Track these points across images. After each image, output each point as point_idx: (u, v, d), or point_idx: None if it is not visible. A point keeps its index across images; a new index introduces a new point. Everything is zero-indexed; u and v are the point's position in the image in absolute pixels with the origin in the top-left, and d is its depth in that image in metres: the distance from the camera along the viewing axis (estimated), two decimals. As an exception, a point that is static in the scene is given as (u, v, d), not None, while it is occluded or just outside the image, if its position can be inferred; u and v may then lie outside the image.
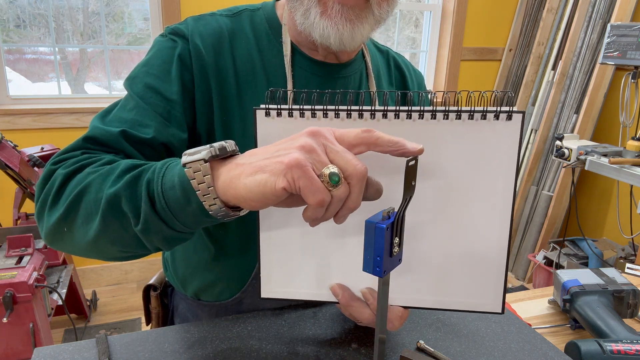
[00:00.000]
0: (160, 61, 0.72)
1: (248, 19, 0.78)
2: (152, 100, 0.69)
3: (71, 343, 0.70)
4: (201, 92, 0.72)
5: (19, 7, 2.34)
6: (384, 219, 0.50)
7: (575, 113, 2.62)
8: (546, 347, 0.73)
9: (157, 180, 0.52)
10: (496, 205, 0.59)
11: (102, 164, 0.60)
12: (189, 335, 0.73)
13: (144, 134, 0.67)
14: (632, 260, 2.30)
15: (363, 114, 0.57)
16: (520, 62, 3.00)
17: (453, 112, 0.56)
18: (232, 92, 0.74)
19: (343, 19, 0.67)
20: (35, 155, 2.02)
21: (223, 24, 0.76)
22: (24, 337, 1.67)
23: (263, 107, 0.58)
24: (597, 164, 1.85)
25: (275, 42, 0.77)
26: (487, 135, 0.57)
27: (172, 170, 0.52)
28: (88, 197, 0.56)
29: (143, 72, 0.72)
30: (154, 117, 0.68)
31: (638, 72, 1.85)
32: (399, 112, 0.57)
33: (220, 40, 0.75)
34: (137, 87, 0.71)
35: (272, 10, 0.79)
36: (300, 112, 0.57)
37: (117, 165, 0.57)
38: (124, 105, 0.71)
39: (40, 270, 1.75)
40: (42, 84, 2.51)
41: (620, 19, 2.42)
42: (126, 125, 0.66)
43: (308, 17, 0.68)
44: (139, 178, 0.54)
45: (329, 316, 0.78)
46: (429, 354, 0.70)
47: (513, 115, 0.56)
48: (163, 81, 0.70)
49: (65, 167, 0.60)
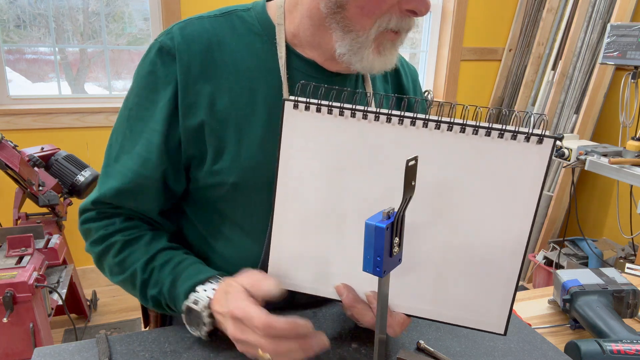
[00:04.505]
0: (147, 91, 0.74)
1: (239, 20, 0.76)
2: (146, 135, 0.73)
3: (71, 343, 0.70)
4: (185, 111, 0.72)
5: (19, 7, 2.34)
6: (384, 219, 0.50)
7: (575, 113, 2.62)
8: (546, 347, 0.73)
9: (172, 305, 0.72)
10: (512, 228, 0.57)
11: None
12: (189, 335, 0.73)
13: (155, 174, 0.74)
14: (632, 260, 2.30)
15: (391, 119, 0.57)
16: (520, 62, 3.00)
17: (483, 129, 0.55)
18: (224, 100, 0.72)
19: (390, 53, 0.71)
20: (35, 155, 2.01)
21: (211, 27, 0.74)
22: (24, 337, 1.67)
23: (292, 99, 0.58)
24: (597, 164, 1.85)
25: (268, 44, 0.75)
26: (514, 156, 0.54)
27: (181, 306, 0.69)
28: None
29: (133, 103, 0.75)
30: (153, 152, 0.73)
31: (638, 72, 1.85)
32: (429, 121, 0.56)
33: (209, 45, 0.73)
34: (129, 119, 0.75)
35: (264, 10, 0.77)
36: (328, 108, 0.58)
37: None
38: (123, 145, 0.75)
39: (40, 270, 1.75)
40: (42, 84, 2.51)
41: (620, 19, 2.42)
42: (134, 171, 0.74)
43: (359, 53, 0.69)
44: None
45: (329, 316, 0.78)
46: (429, 354, 0.70)
47: (544, 139, 0.53)
48: (150, 111, 0.73)
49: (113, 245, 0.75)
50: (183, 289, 0.69)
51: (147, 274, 0.73)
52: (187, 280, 0.69)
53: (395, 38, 0.70)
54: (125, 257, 0.74)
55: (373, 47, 0.69)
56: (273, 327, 0.57)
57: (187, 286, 0.69)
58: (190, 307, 0.67)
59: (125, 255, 0.74)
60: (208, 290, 0.67)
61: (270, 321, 0.57)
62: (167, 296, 0.72)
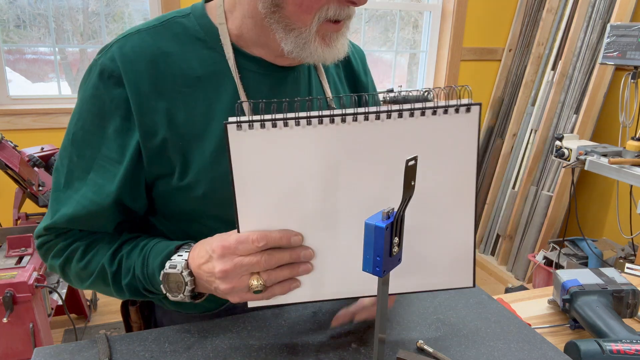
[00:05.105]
0: (92, 116, 0.70)
1: (180, 27, 0.73)
2: (100, 162, 0.71)
3: (71, 343, 0.71)
4: (144, 133, 0.69)
5: (19, 7, 2.34)
6: (384, 219, 0.50)
7: (575, 113, 2.62)
8: (546, 347, 0.73)
9: (147, 280, 0.71)
10: (459, 184, 0.63)
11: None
12: (189, 335, 0.73)
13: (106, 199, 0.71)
14: (631, 260, 2.30)
15: (334, 119, 0.58)
16: (520, 62, 3.00)
17: (418, 110, 0.59)
18: (182, 113, 0.70)
19: (338, 43, 0.70)
20: (35, 156, 2.01)
21: (152, 40, 0.71)
22: (24, 337, 1.67)
23: (234, 121, 0.56)
24: (596, 164, 1.85)
25: (214, 48, 0.72)
26: (447, 128, 0.61)
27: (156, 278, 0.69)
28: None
29: (77, 127, 0.72)
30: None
31: (638, 72, 1.85)
32: (379, 112, 0.59)
33: (154, 59, 0.70)
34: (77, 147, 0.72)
35: (203, 14, 0.74)
36: (272, 122, 0.57)
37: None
38: (72, 171, 0.72)
39: (40, 270, 1.75)
40: (42, 84, 2.52)
41: (620, 19, 2.42)
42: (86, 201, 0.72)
43: (306, 48, 0.68)
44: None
45: (329, 316, 0.78)
46: (429, 354, 0.70)
47: (471, 107, 0.60)
48: (97, 137, 0.70)
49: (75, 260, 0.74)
50: (156, 263, 0.68)
51: (115, 265, 0.72)
52: (158, 256, 0.68)
53: (339, 28, 0.68)
54: (90, 259, 0.73)
55: (318, 40, 0.68)
56: (269, 237, 0.60)
57: (160, 259, 0.68)
58: (168, 272, 0.66)
59: (90, 257, 0.73)
60: (183, 255, 0.67)
61: (265, 232, 0.60)
62: (141, 278, 0.70)
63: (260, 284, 0.60)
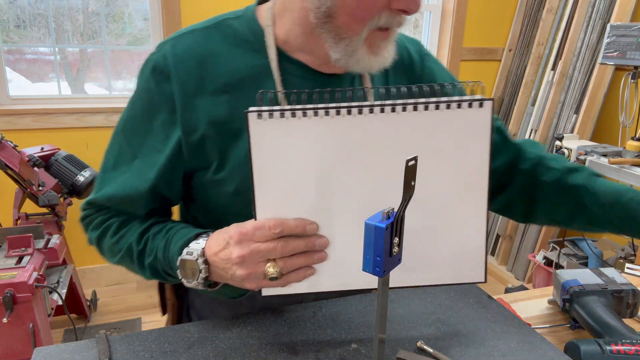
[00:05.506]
0: (142, 107, 0.75)
1: (230, 29, 0.76)
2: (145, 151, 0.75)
3: (71, 343, 0.71)
4: (186, 128, 0.73)
5: (19, 7, 2.34)
6: (384, 219, 0.50)
7: (575, 113, 2.62)
8: (546, 346, 0.73)
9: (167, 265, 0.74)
10: (472, 182, 0.64)
11: None
12: (189, 335, 0.73)
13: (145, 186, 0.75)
14: (631, 260, 2.30)
15: (351, 110, 0.59)
16: (520, 62, 3.00)
17: (433, 104, 0.60)
18: (223, 112, 0.73)
19: (385, 50, 0.71)
20: (35, 156, 2.02)
21: (204, 40, 0.74)
22: (24, 337, 1.67)
23: (254, 110, 0.58)
24: (596, 164, 1.85)
25: (260, 50, 0.74)
26: (461, 121, 0.61)
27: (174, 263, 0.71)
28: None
29: (129, 115, 0.77)
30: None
31: (638, 72, 1.85)
32: (391, 105, 0.59)
33: (203, 59, 0.73)
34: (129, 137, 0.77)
35: (253, 17, 0.76)
36: (292, 112, 0.58)
37: None
38: (121, 154, 0.77)
39: (40, 270, 1.75)
40: (42, 84, 2.52)
41: (619, 19, 2.42)
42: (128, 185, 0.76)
43: (353, 56, 0.69)
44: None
45: (329, 316, 0.78)
46: (429, 354, 0.70)
47: (484, 102, 0.61)
48: (145, 126, 0.75)
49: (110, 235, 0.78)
50: (176, 248, 0.70)
51: (141, 244, 0.75)
52: (179, 240, 0.71)
53: (387, 35, 0.69)
54: (122, 235, 0.77)
55: (365, 47, 0.68)
56: (285, 224, 0.61)
57: (180, 245, 0.70)
58: (185, 259, 0.68)
59: (122, 233, 0.77)
60: (200, 242, 0.69)
61: (282, 220, 0.61)
62: (162, 260, 0.73)
63: (277, 270, 0.61)
